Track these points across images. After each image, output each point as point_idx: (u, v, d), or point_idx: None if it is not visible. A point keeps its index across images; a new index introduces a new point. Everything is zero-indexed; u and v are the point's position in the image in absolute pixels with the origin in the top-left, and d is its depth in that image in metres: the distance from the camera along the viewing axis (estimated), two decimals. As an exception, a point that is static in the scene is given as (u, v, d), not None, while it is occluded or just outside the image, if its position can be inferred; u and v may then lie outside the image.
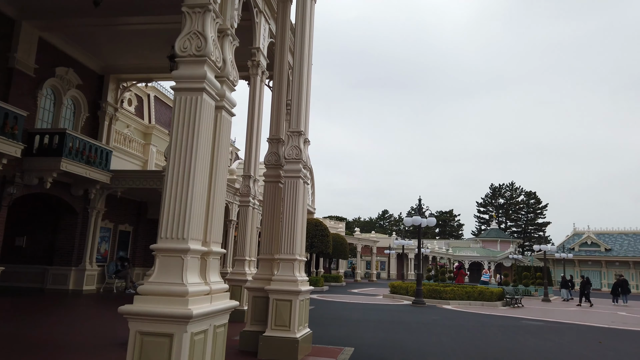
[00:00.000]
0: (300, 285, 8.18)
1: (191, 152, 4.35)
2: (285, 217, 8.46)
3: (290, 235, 8.35)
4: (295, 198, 8.48)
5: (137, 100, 27.32)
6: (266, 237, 8.90)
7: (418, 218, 21.50)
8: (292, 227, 8.38)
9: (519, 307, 24.53)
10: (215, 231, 4.86)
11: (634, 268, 57.40)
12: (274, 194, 9.04)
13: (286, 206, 8.50)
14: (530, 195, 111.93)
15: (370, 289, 34.39)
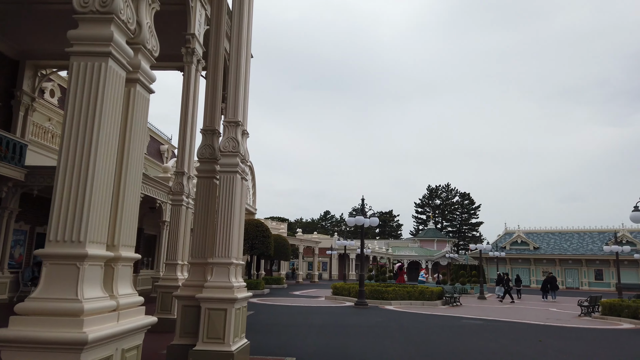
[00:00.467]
0: (237, 292, 7.35)
1: (91, 133, 3.43)
2: (221, 217, 7.59)
3: (226, 237, 7.49)
4: (231, 195, 7.63)
5: (60, 91, 25.10)
6: (199, 238, 7.98)
7: (361, 218, 21.15)
8: (227, 227, 7.52)
9: (458, 305, 24.87)
10: (126, 232, 3.95)
11: (559, 265, 60.84)
12: (208, 191, 8.12)
13: (221, 204, 7.62)
14: (465, 196, 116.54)
15: (312, 291, 33.83)
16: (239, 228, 7.90)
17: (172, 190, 13.03)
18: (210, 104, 8.50)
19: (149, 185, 18.57)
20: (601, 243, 60.85)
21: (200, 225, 7.97)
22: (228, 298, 7.13)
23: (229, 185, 7.63)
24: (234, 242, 7.57)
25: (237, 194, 7.70)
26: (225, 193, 7.61)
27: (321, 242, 58.53)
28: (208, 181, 8.13)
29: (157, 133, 38.92)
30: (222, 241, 7.46)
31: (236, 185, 7.67)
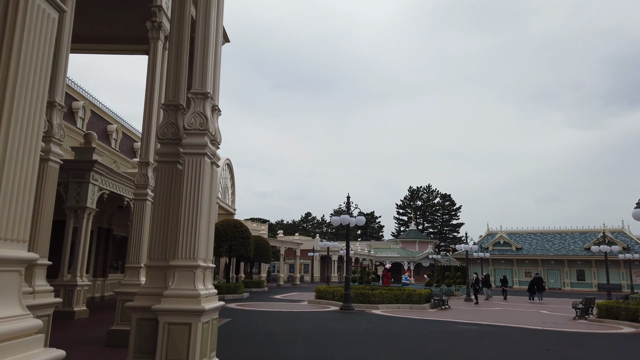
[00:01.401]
0: (205, 301, 5.95)
1: None
2: (185, 209, 6.18)
3: (191, 234, 6.09)
4: (198, 182, 6.22)
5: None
6: (159, 236, 6.55)
7: (347, 217, 19.86)
8: (193, 222, 6.12)
9: (447, 308, 23.80)
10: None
11: (542, 266, 60.63)
12: (171, 178, 6.69)
13: (186, 193, 6.21)
14: (446, 198, 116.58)
15: (294, 294, 32.42)
16: (208, 223, 6.50)
17: (135, 183, 11.43)
18: (174, 75, 7.05)
19: (115, 181, 16.96)
20: (583, 243, 60.92)
21: (160, 220, 6.54)
22: (193, 310, 5.73)
23: (196, 170, 6.23)
24: (202, 240, 6.17)
25: (206, 181, 6.30)
26: (191, 180, 6.20)
27: (303, 243, 57.12)
28: (170, 167, 6.70)
29: (132, 130, 37.01)
30: (186, 239, 6.06)
31: (204, 170, 6.27)
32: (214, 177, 6.64)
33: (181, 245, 6.04)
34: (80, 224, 14.94)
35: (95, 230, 21.76)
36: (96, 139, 16.97)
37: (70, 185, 14.82)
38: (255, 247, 33.48)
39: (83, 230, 14.96)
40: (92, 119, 30.70)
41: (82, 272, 14.74)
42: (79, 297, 14.36)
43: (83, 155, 15.01)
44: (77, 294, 14.26)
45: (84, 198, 14.82)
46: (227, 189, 34.37)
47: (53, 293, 7.77)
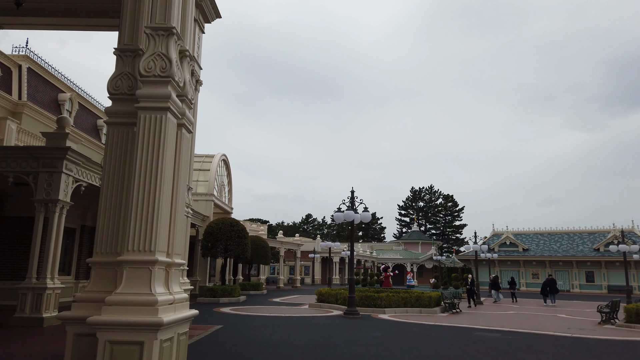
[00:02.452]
0: (165, 311, 4.27)
1: None
2: (140, 183, 4.50)
3: (148, 218, 4.41)
4: (158, 147, 4.56)
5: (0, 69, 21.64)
6: (109, 223, 4.87)
7: (351, 213, 18.16)
8: (151, 202, 4.45)
9: (458, 312, 22.09)
10: None
11: (549, 267, 58.81)
12: (126, 145, 5.03)
13: (140, 163, 4.54)
14: (448, 199, 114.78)
15: (295, 297, 30.70)
16: (175, 206, 4.81)
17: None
18: (131, 10, 5.35)
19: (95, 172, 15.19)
20: (591, 244, 59.14)
21: (111, 201, 4.87)
22: (146, 323, 4.06)
23: (155, 130, 4.58)
24: (162, 226, 4.49)
25: (168, 146, 4.64)
26: (148, 143, 4.55)
27: (303, 244, 55.40)
28: (125, 130, 5.04)
29: (94, 104, 33.54)
30: (140, 225, 4.39)
31: (166, 131, 4.61)
32: (183, 144, 4.97)
33: (133, 233, 4.36)
34: (51, 218, 13.18)
35: (78, 229, 20.27)
36: (71, 125, 15.26)
37: (40, 176, 13.14)
38: (254, 248, 31.79)
39: (54, 226, 13.18)
40: (81, 112, 28.89)
41: (53, 274, 13.12)
42: (49, 302, 12.81)
43: (55, 141, 13.33)
44: (46, 298, 12.70)
45: (55, 190, 13.11)
46: (223, 186, 32.67)
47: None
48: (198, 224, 27.56)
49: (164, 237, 4.58)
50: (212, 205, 28.95)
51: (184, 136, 5.07)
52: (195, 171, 29.49)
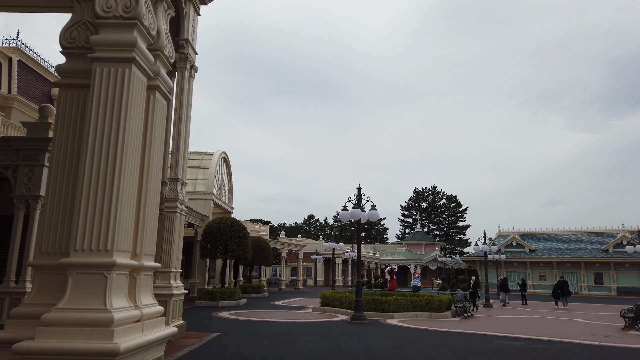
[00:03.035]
0: (122, 332, 3.16)
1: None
2: (92, 160, 3.34)
3: (103, 206, 3.24)
4: (119, 109, 3.40)
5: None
6: (55, 215, 3.71)
7: (357, 211, 17.00)
8: (109, 184, 3.28)
9: (470, 316, 20.92)
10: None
11: (557, 268, 57.54)
12: (83, 113, 3.86)
13: (95, 131, 3.37)
14: (451, 199, 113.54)
15: (297, 300, 29.55)
16: (145, 191, 3.66)
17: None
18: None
19: None
20: (600, 245, 57.87)
21: (61, 185, 3.70)
22: (93, 352, 2.89)
23: (115, 87, 3.40)
24: (123, 218, 3.32)
25: (133, 108, 3.47)
26: (105, 105, 3.37)
27: (306, 245, 54.25)
28: (82, 94, 3.88)
29: None
30: (92, 216, 3.21)
31: (131, 88, 3.44)
32: (156, 113, 3.82)
33: (83, 227, 3.20)
34: (32, 216, 11.94)
35: None
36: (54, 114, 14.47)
37: (20, 169, 12.00)
38: (255, 249, 30.66)
39: (35, 224, 12.03)
40: None
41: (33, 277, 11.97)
42: None
43: (37, 132, 12.19)
44: None
45: (36, 185, 11.86)
46: (223, 185, 31.53)
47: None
48: (197, 224, 26.44)
49: (127, 233, 3.45)
50: (212, 205, 27.83)
51: (158, 102, 3.95)
52: (194, 169, 28.38)
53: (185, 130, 12.42)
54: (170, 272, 11.51)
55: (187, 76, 12.50)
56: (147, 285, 3.79)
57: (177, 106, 12.29)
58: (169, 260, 11.56)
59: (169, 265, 11.55)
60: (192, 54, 12.63)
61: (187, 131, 12.53)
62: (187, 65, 12.44)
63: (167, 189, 12.06)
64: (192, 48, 12.70)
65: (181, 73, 12.36)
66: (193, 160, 29.08)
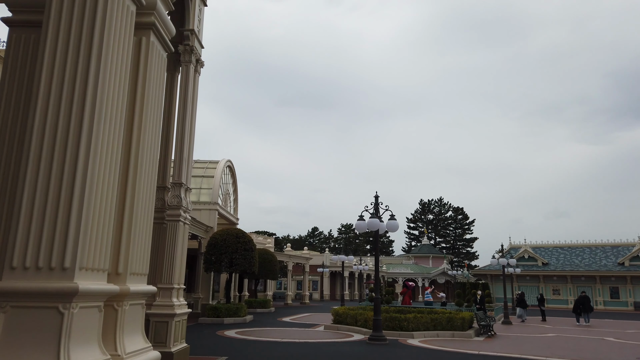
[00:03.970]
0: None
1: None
2: (43, 123, 2.05)
3: (63, 195, 1.95)
4: (89, 47, 2.11)
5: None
6: None
7: (375, 221, 15.68)
8: (70, 166, 1.99)
9: (493, 335, 19.46)
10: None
11: (571, 282, 55.86)
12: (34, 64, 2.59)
13: (49, 81, 2.09)
14: (458, 211, 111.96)
15: (306, 315, 28.09)
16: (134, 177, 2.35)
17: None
18: None
19: None
20: (615, 258, 56.21)
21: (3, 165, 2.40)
22: None
23: (82, 12, 2.12)
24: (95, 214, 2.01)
25: (112, 45, 2.17)
26: (67, 41, 2.09)
27: (312, 258, 52.79)
28: (32, 36, 2.59)
29: None
30: (43, 211, 1.92)
31: (109, 15, 2.15)
32: (151, 63, 2.54)
33: (25, 230, 1.90)
34: None
35: None
36: None
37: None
38: (261, 262, 29.31)
39: None
40: None
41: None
42: None
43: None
44: None
45: None
46: (228, 195, 30.28)
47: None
48: (201, 235, 25.15)
49: (102, 241, 2.18)
50: (216, 215, 26.56)
51: (154, 49, 2.71)
52: (198, 178, 27.18)
53: (190, 130, 11.21)
54: (173, 288, 10.21)
55: (193, 71, 11.34)
56: (136, 320, 2.53)
57: (181, 103, 11.11)
58: (171, 276, 10.26)
59: (171, 281, 10.25)
60: (197, 46, 11.48)
61: (191, 131, 11.33)
62: (193, 59, 11.28)
63: (169, 194, 10.82)
64: (198, 40, 11.56)
65: (186, 67, 11.20)
66: (197, 168, 27.90)
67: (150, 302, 10.12)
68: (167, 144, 11.26)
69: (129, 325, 2.47)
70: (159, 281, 10.25)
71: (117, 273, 2.45)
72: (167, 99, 11.50)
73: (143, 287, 2.60)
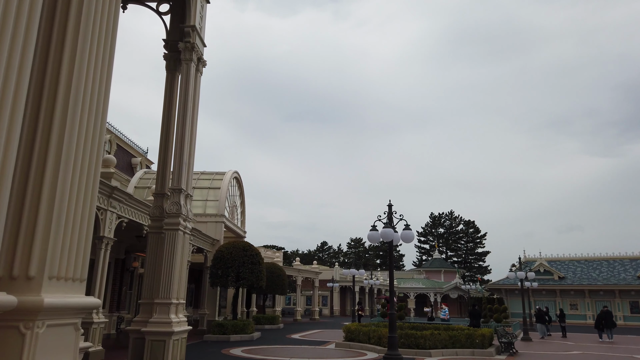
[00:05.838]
0: None
1: None
2: None
3: None
4: None
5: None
6: None
7: (389, 231, 14.73)
8: None
9: (515, 352, 18.29)
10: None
11: (589, 297, 54.07)
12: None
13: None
14: (469, 225, 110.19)
15: (316, 332, 26.99)
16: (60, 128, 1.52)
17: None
18: None
19: (135, 208, 15.00)
20: (634, 271, 54.40)
21: None
22: None
23: None
24: None
25: None
26: None
27: (322, 272, 51.65)
28: None
29: (129, 144, 33.24)
30: None
31: None
32: None
33: None
34: (98, 255, 13.12)
35: (112, 262, 20.73)
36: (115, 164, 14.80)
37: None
38: (269, 276, 28.36)
39: (100, 261, 13.21)
40: (118, 152, 30.06)
41: (98, 308, 13.28)
42: (94, 336, 12.59)
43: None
44: (92, 332, 12.46)
45: (101, 227, 13.06)
46: (235, 207, 29.48)
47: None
48: (207, 249, 24.30)
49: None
50: (223, 228, 25.72)
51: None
52: (204, 189, 26.45)
53: (191, 132, 10.45)
54: (171, 304, 9.34)
55: (194, 70, 10.63)
56: (61, 352, 1.63)
57: (181, 104, 10.37)
58: (169, 290, 9.40)
59: (169, 296, 9.38)
60: (199, 44, 10.78)
61: (192, 133, 10.56)
62: (194, 57, 10.57)
63: (168, 202, 10.01)
64: (200, 38, 10.87)
65: (187, 65, 10.48)
66: (203, 180, 27.20)
67: (145, 319, 9.27)
68: (166, 148, 10.50)
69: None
70: (156, 296, 9.41)
71: (29, 277, 1.62)
72: (166, 100, 10.79)
73: (71, 298, 1.74)
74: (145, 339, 8.95)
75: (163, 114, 10.59)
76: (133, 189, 25.35)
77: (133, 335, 9.29)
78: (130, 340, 9.32)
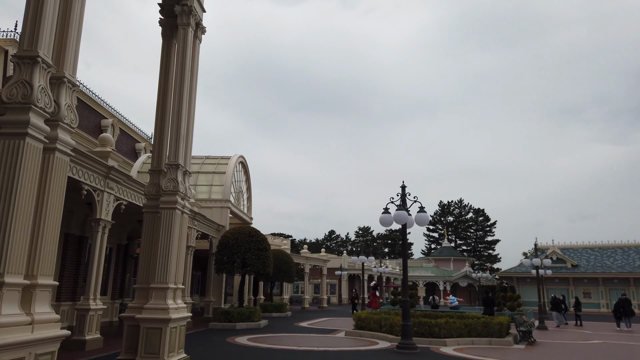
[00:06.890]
0: None
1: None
2: None
3: None
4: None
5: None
6: None
7: (403, 214, 13.87)
8: None
9: (534, 342, 17.45)
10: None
11: (603, 285, 53.01)
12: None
13: None
14: (479, 213, 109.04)
15: (324, 320, 26.31)
16: None
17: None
18: None
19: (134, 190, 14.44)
20: (650, 259, 53.18)
21: None
22: None
23: None
24: None
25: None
26: None
27: (330, 260, 50.98)
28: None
29: (133, 129, 32.57)
30: None
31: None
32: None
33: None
34: (95, 238, 12.64)
35: (114, 248, 19.93)
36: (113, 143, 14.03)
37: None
38: (277, 264, 27.68)
39: (97, 245, 12.65)
40: (121, 137, 29.91)
41: (95, 294, 12.58)
42: (91, 324, 12.28)
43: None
44: (89, 319, 12.18)
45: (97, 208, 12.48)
46: (241, 193, 28.72)
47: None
48: (212, 235, 23.61)
49: None
50: (228, 213, 25.00)
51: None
52: (209, 174, 25.70)
53: (189, 103, 9.60)
54: (167, 288, 8.58)
55: (191, 35, 9.74)
56: None
57: (178, 72, 9.51)
58: (166, 273, 8.63)
59: (166, 280, 8.61)
60: (197, 7, 9.89)
61: (190, 104, 9.71)
62: (192, 21, 9.69)
63: (164, 179, 9.21)
64: (198, 1, 9.95)
65: (184, 30, 9.60)
66: (208, 165, 26.44)
67: (141, 305, 8.52)
68: (162, 121, 9.67)
69: None
70: (152, 280, 8.65)
71: None
72: (162, 69, 9.94)
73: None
74: (140, 327, 8.21)
75: (159, 85, 9.75)
76: (136, 174, 24.65)
77: (127, 323, 8.56)
78: (125, 328, 8.59)
